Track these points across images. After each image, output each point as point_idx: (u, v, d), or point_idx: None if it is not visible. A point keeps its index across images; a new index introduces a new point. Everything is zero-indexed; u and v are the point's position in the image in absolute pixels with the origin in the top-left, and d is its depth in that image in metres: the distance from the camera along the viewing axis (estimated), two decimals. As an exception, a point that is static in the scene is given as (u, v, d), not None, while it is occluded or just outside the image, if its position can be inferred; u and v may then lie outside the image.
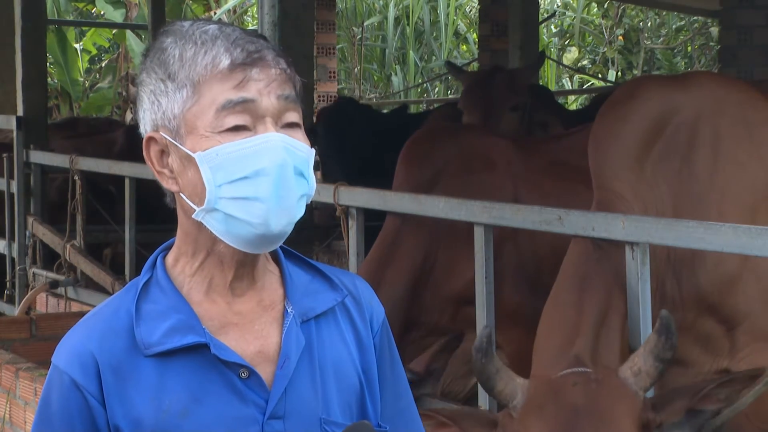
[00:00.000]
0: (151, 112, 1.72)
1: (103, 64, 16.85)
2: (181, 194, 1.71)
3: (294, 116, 1.70)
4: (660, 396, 2.72)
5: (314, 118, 6.72)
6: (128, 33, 15.37)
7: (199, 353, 1.69)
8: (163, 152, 1.72)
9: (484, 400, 3.45)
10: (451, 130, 4.75)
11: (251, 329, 1.73)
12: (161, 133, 1.71)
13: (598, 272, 3.15)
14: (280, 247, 1.77)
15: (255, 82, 1.66)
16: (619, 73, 16.41)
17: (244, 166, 1.64)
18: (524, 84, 6.00)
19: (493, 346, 2.75)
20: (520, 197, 4.18)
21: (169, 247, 1.79)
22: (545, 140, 4.58)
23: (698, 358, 3.36)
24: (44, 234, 7.12)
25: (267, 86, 1.67)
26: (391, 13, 16.69)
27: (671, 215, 3.22)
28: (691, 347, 3.34)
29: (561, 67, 16.32)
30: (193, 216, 1.70)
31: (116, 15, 15.59)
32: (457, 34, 17.23)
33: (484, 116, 5.80)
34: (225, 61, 1.66)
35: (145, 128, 1.74)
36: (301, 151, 1.69)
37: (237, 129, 1.66)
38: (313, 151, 1.72)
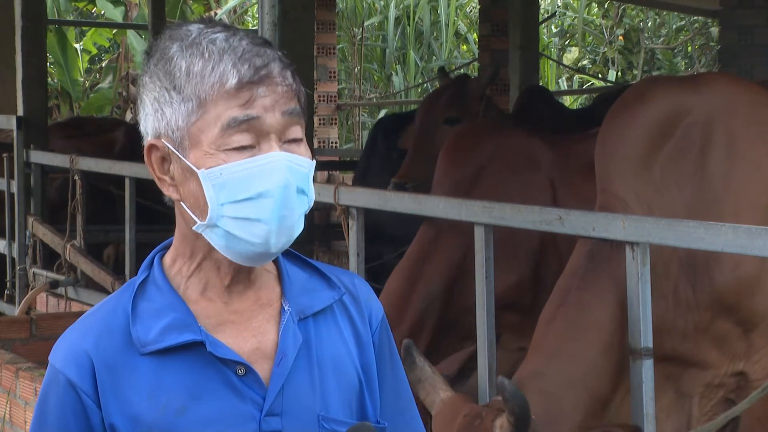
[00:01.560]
0: (154, 119, 1.71)
1: (103, 64, 16.82)
2: (182, 203, 1.71)
3: (298, 131, 1.70)
4: None
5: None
6: (129, 32, 15.35)
7: (196, 351, 1.69)
8: (165, 159, 1.71)
9: (484, 395, 3.45)
10: (495, 128, 4.76)
11: (248, 327, 1.73)
12: (163, 141, 1.70)
13: (580, 288, 3.16)
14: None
15: (261, 99, 1.66)
16: (619, 73, 16.39)
17: (247, 187, 1.64)
18: (474, 96, 5.80)
19: (413, 356, 2.83)
20: (559, 198, 4.19)
21: (167, 247, 1.79)
22: (578, 140, 4.55)
23: (715, 360, 3.34)
24: (44, 234, 7.12)
25: (273, 104, 1.67)
26: (392, 14, 16.67)
27: (685, 218, 3.16)
28: (708, 349, 3.32)
29: (561, 67, 16.31)
30: (193, 228, 1.70)
31: (116, 13, 15.57)
32: (457, 34, 17.20)
33: (419, 128, 5.72)
34: (232, 80, 1.65)
35: (146, 131, 1.73)
36: (303, 167, 1.69)
37: (242, 147, 1.66)
38: (314, 163, 1.72)
